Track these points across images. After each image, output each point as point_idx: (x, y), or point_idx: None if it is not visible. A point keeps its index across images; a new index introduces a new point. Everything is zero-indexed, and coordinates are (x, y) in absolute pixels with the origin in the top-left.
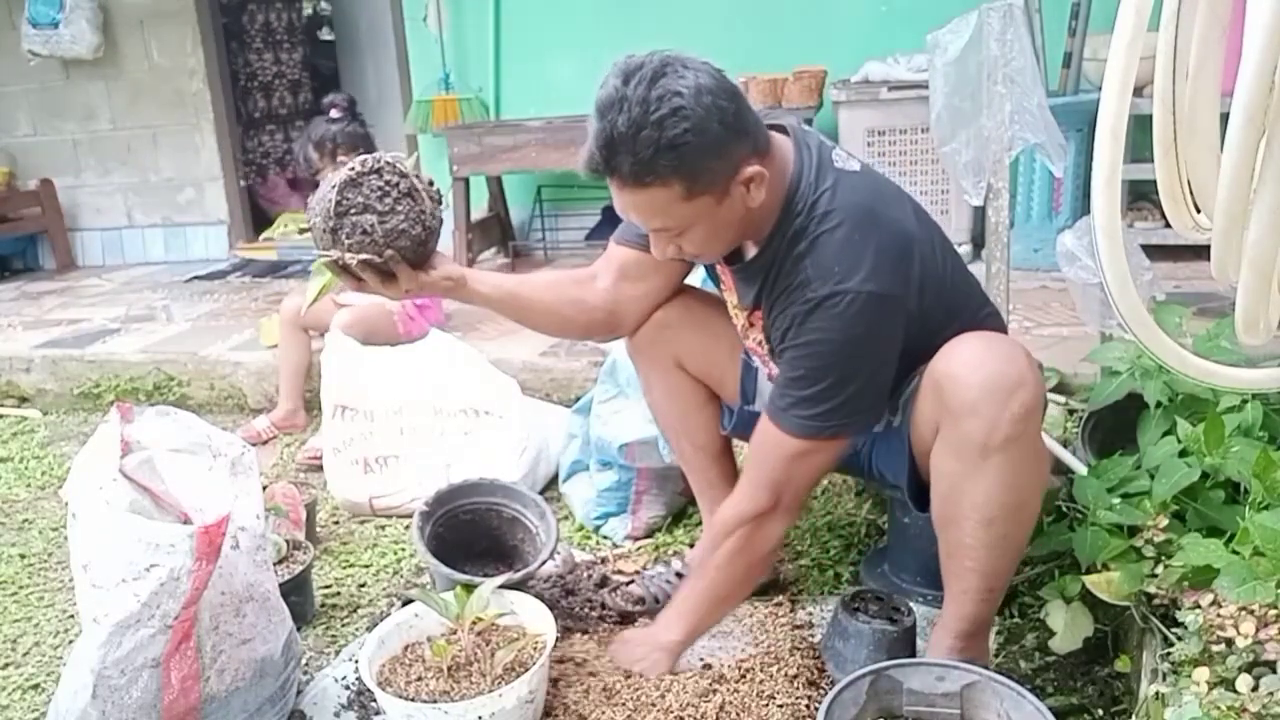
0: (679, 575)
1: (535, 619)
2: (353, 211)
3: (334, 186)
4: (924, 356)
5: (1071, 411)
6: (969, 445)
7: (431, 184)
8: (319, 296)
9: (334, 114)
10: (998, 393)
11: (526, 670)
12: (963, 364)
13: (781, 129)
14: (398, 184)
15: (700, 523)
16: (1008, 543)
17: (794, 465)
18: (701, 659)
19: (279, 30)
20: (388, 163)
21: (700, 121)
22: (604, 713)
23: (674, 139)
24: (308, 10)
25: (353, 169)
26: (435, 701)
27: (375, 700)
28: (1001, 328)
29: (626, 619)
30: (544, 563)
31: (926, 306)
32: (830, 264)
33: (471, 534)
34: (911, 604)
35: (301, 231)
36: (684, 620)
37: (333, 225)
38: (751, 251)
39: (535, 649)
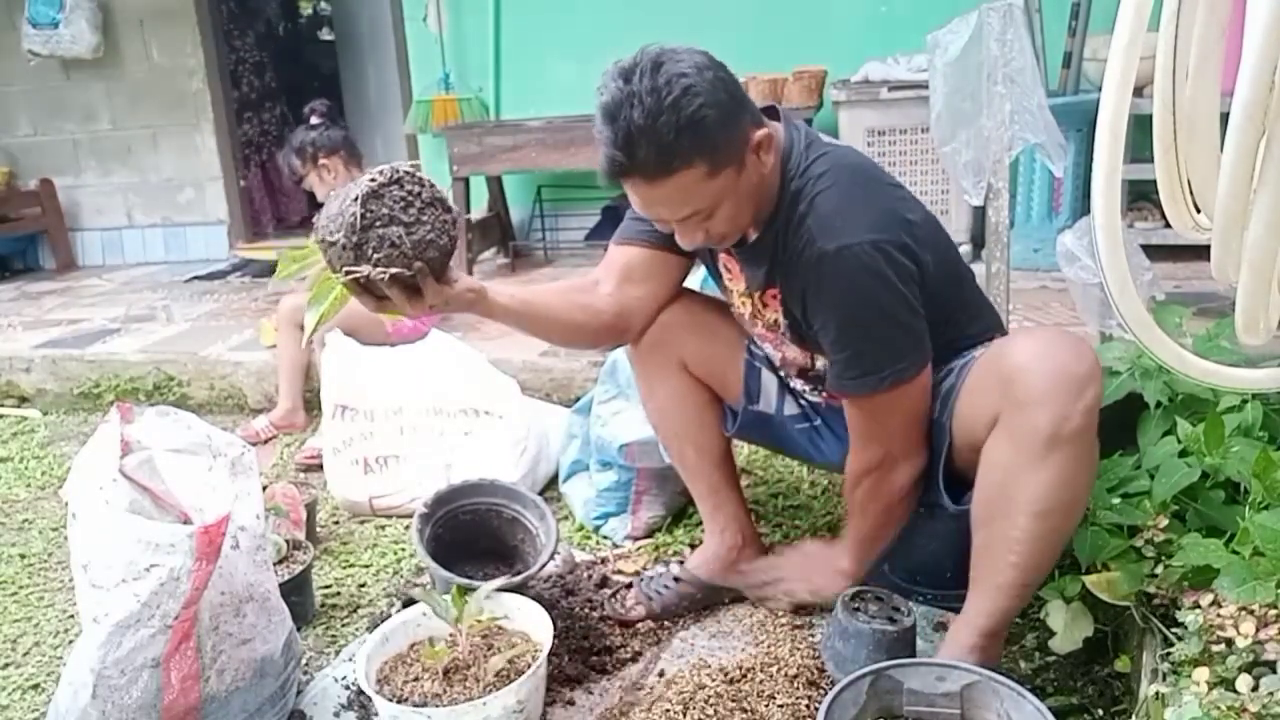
0: (677, 580)
1: (535, 624)
2: (378, 224)
3: (355, 199)
4: (950, 343)
5: None
6: (1035, 437)
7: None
8: (319, 325)
9: (314, 120)
10: (1070, 385)
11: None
12: (1030, 356)
13: (770, 112)
14: (420, 193)
15: (700, 523)
16: (1056, 536)
17: (883, 418)
18: (701, 658)
19: (222, 21)
20: (407, 172)
21: (711, 95)
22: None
23: (692, 116)
24: (307, 10)
25: (372, 179)
26: (424, 705)
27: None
28: (997, 315)
29: (628, 626)
30: (544, 565)
31: (936, 265)
32: (832, 218)
33: (472, 534)
34: (911, 604)
35: (298, 259)
36: (851, 553)
37: (357, 240)
38: (754, 233)
39: (533, 656)
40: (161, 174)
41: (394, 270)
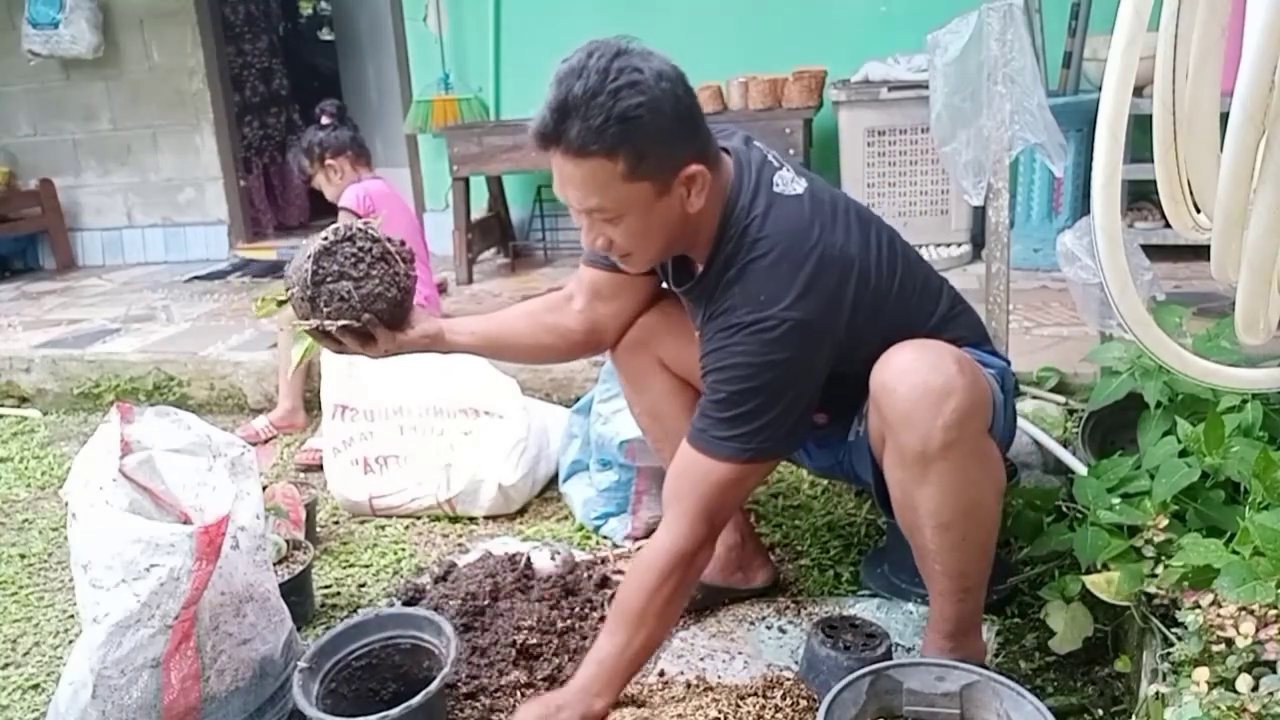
0: None
1: None
2: (329, 280)
3: (309, 256)
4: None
5: (1071, 411)
6: (909, 456)
7: (403, 244)
8: (303, 360)
9: (324, 120)
10: (926, 401)
11: None
12: (892, 375)
13: (727, 151)
14: (370, 249)
15: None
16: (968, 544)
17: (723, 490)
18: (701, 658)
19: (237, 24)
20: (359, 230)
21: (655, 101)
22: None
23: (626, 110)
24: (307, 10)
25: (325, 238)
26: None
27: None
28: (974, 325)
29: None
30: (444, 677)
31: (862, 328)
32: (756, 292)
33: (374, 679)
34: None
35: (280, 303)
36: (615, 683)
37: (310, 295)
38: (699, 271)
39: None
40: (161, 174)
41: (343, 322)
